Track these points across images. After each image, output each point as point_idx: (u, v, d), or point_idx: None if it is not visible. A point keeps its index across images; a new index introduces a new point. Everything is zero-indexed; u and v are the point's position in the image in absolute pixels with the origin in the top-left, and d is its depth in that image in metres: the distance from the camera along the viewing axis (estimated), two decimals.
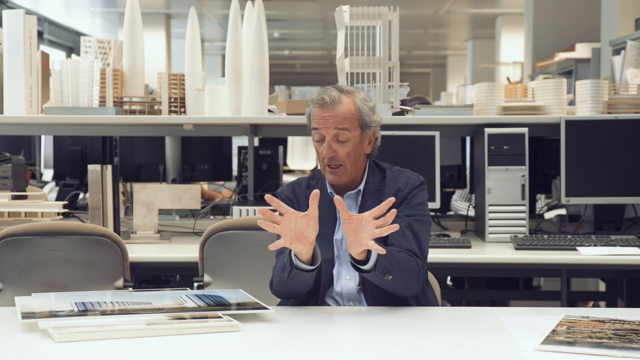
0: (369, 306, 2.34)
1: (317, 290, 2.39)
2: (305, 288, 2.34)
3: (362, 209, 2.42)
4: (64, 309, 2.11)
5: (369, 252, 2.22)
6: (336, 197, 2.19)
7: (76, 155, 4.41)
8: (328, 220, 2.43)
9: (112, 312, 2.09)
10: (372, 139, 2.48)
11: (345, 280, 2.40)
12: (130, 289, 2.87)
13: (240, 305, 2.21)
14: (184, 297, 2.27)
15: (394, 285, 2.28)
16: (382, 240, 2.30)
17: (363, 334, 2.07)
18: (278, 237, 2.22)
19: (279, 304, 2.46)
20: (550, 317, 2.13)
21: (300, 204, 2.48)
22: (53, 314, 2.05)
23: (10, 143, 5.61)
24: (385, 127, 2.53)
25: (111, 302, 2.19)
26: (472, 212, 3.93)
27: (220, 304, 2.21)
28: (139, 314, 2.06)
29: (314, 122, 2.43)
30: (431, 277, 2.59)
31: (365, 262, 2.22)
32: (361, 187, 2.47)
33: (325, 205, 2.43)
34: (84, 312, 2.09)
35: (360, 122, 2.42)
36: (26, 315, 2.04)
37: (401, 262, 2.28)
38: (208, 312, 2.11)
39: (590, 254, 3.14)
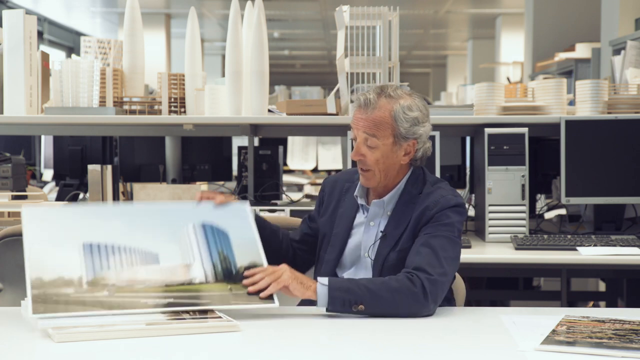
0: None
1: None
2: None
3: (391, 220, 2.36)
4: (73, 274, 2.09)
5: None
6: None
7: (76, 155, 4.41)
8: (345, 221, 2.42)
9: (122, 265, 2.12)
10: (411, 151, 2.34)
11: None
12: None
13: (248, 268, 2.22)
14: (192, 238, 2.25)
15: (379, 311, 2.17)
16: (400, 259, 2.29)
17: (363, 334, 2.07)
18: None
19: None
20: (550, 317, 2.13)
21: (331, 193, 2.47)
22: (61, 282, 2.07)
23: (10, 143, 5.61)
24: None
25: (119, 249, 2.18)
26: (472, 212, 3.93)
27: (229, 273, 2.20)
28: (139, 294, 2.07)
29: (351, 120, 2.36)
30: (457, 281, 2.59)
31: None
32: (388, 197, 2.37)
33: (349, 204, 2.44)
34: (92, 283, 2.10)
35: (394, 131, 2.30)
36: (36, 284, 2.04)
37: (375, 288, 2.16)
38: (208, 312, 2.11)
39: (590, 254, 3.14)
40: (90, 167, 3.48)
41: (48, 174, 5.58)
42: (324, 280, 2.18)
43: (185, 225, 2.28)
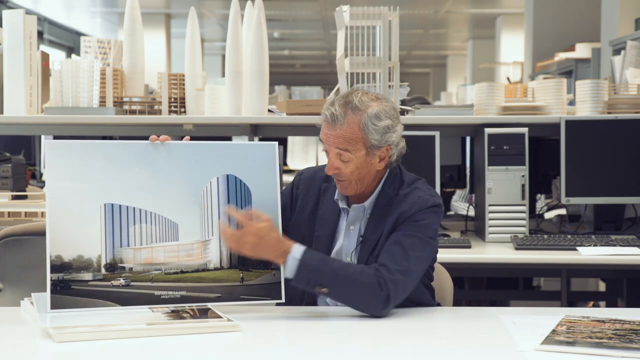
0: None
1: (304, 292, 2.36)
2: None
3: (369, 224, 2.34)
4: (92, 252, 2.11)
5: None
6: (227, 207, 2.19)
7: None
8: (329, 223, 2.40)
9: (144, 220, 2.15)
10: (385, 156, 2.31)
11: None
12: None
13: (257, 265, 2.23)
14: (214, 200, 2.23)
15: (339, 299, 2.19)
16: (371, 254, 2.27)
17: (363, 334, 2.07)
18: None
19: (278, 304, 2.43)
20: (550, 317, 2.13)
21: (307, 192, 2.43)
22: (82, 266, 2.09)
23: (10, 143, 5.61)
24: None
25: (140, 215, 2.17)
26: (472, 212, 3.93)
27: (243, 257, 2.22)
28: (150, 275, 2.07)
29: (320, 134, 2.31)
30: (443, 278, 2.59)
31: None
32: (368, 201, 2.35)
33: (329, 206, 2.42)
34: (110, 266, 2.12)
35: (366, 143, 2.25)
36: (55, 266, 2.07)
37: (344, 276, 2.15)
38: (209, 312, 2.11)
39: (590, 254, 3.14)
40: None
41: None
42: (297, 252, 2.17)
43: (209, 179, 2.24)
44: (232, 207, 2.21)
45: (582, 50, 7.08)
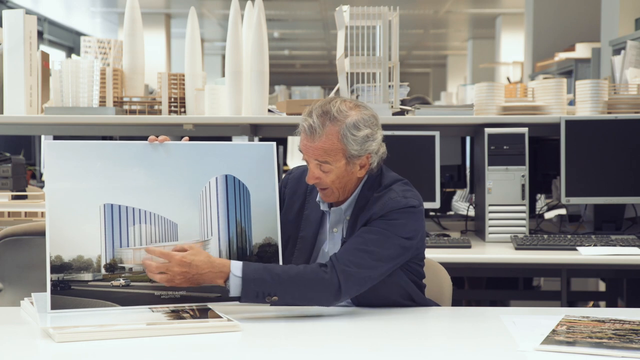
0: (367, 307, 2.33)
1: None
2: None
3: (348, 227, 2.33)
4: (92, 253, 2.11)
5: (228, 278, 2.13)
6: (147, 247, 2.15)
7: None
8: (314, 224, 2.38)
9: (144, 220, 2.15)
10: (365, 164, 2.28)
11: None
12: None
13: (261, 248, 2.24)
14: (213, 200, 2.23)
15: (291, 302, 2.16)
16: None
17: (363, 334, 2.07)
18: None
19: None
20: (550, 317, 2.13)
21: (295, 192, 2.41)
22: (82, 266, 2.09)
23: (10, 143, 5.62)
24: (385, 127, 2.42)
25: (139, 215, 2.18)
26: (472, 212, 3.93)
27: (242, 255, 2.24)
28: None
29: (299, 144, 2.26)
30: (442, 278, 2.59)
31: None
32: (345, 204, 2.33)
33: (314, 207, 2.40)
34: (110, 267, 2.12)
35: (345, 153, 2.22)
36: (55, 266, 2.07)
37: (288, 278, 2.13)
38: (209, 312, 2.11)
39: (590, 254, 3.14)
40: None
41: None
42: (237, 269, 2.13)
43: (208, 179, 2.25)
44: (153, 245, 2.17)
45: (582, 50, 7.08)
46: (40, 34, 12.13)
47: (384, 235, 2.22)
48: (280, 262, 2.29)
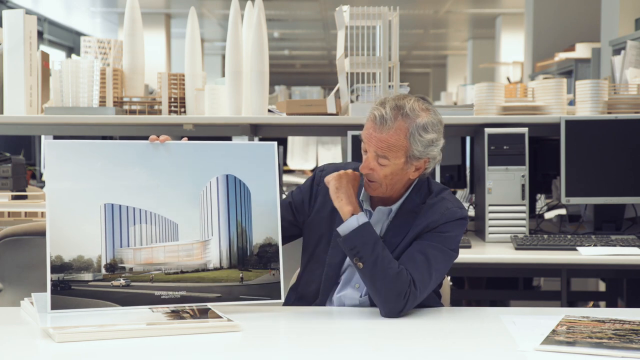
0: (368, 307, 2.33)
1: (318, 291, 2.36)
2: None
3: (391, 227, 2.32)
4: (92, 253, 2.11)
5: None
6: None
7: None
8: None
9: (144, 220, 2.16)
10: (422, 167, 2.29)
11: (353, 288, 2.34)
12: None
13: (261, 255, 2.24)
14: (214, 200, 2.24)
15: (366, 279, 2.18)
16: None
17: (363, 334, 2.07)
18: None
19: (284, 304, 2.39)
20: (550, 317, 2.14)
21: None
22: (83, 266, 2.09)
23: (10, 143, 5.62)
24: None
25: (140, 215, 2.18)
26: (472, 212, 3.93)
27: (242, 255, 2.24)
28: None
29: (363, 131, 2.27)
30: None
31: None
32: (395, 206, 2.33)
33: None
34: (110, 267, 2.12)
35: (407, 152, 2.23)
36: (56, 266, 2.07)
37: (384, 263, 2.16)
38: (209, 312, 2.12)
39: (590, 254, 3.14)
40: None
41: None
42: (362, 218, 2.21)
43: (209, 178, 2.25)
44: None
45: (582, 50, 7.08)
46: (40, 34, 12.13)
47: (441, 251, 2.27)
48: (281, 262, 2.29)
